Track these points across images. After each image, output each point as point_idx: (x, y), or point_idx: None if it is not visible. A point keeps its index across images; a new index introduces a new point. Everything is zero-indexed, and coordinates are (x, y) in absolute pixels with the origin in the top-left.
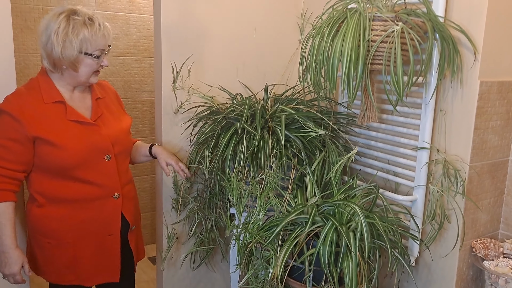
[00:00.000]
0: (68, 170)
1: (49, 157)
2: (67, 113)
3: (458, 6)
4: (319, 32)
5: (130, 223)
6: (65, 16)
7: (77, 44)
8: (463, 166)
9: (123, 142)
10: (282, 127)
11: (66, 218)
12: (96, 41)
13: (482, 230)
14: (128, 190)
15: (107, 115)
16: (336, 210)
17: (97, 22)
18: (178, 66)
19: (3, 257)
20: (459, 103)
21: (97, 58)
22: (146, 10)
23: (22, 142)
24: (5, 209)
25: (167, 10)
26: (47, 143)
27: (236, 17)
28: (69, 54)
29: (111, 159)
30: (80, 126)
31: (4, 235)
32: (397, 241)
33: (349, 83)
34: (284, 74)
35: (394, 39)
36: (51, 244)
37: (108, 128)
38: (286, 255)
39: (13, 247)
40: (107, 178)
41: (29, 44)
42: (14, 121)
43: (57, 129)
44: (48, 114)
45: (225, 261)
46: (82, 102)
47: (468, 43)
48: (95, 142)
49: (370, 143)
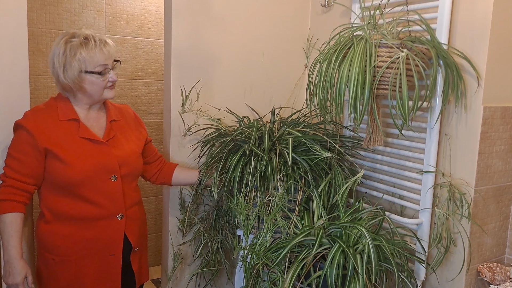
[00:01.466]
0: (73, 187)
1: (56, 172)
2: (80, 130)
3: (461, 33)
4: (327, 57)
5: (133, 245)
6: (64, 40)
7: (75, 65)
8: (468, 190)
9: (132, 165)
10: (290, 150)
11: (70, 236)
12: (94, 58)
13: (488, 254)
14: (133, 212)
15: (120, 137)
16: (343, 232)
17: (92, 40)
18: (187, 89)
19: (8, 267)
20: (463, 127)
21: (100, 75)
22: (155, 34)
23: (35, 156)
24: (13, 220)
25: (178, 35)
26: (55, 158)
27: (244, 43)
28: (71, 76)
29: (117, 180)
30: (91, 144)
31: (10, 245)
32: (404, 264)
33: (356, 107)
34: (290, 98)
35: (400, 65)
36: (55, 260)
37: (117, 149)
38: (293, 278)
39: (18, 258)
40: (112, 199)
41: (40, 66)
42: (28, 135)
43: (67, 145)
44: (60, 130)
45: (231, 283)
46: (97, 122)
47: (472, 70)
48: (102, 162)
49: (375, 166)
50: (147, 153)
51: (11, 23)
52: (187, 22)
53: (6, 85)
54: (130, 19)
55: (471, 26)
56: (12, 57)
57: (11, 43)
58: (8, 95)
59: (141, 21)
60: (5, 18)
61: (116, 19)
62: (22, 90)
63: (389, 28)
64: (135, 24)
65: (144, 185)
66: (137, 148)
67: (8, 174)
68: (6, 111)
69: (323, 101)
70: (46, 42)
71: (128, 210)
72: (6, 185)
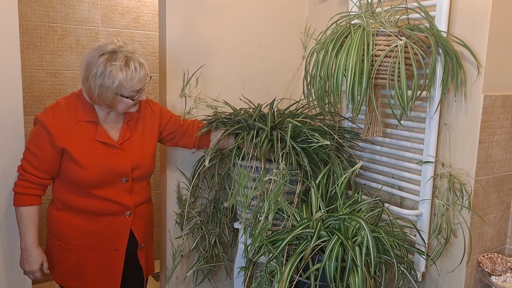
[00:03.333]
0: (85, 187)
1: (71, 173)
2: (97, 133)
3: (461, 20)
4: (323, 47)
5: (139, 241)
6: (104, 59)
7: (112, 89)
8: (468, 180)
9: (145, 167)
10: (288, 135)
11: (78, 226)
12: (132, 86)
13: (488, 244)
14: (141, 209)
15: (135, 138)
16: (342, 224)
17: (132, 66)
18: (182, 83)
19: (25, 255)
20: (463, 117)
21: (133, 99)
22: (151, 27)
23: (52, 154)
24: (31, 212)
25: (173, 26)
26: (71, 159)
27: (240, 33)
28: (105, 98)
29: (128, 181)
30: (105, 148)
31: (27, 234)
32: (403, 256)
33: (353, 98)
34: (288, 90)
35: (398, 54)
36: (61, 247)
37: (131, 152)
38: (292, 270)
39: (34, 246)
40: (121, 198)
41: (35, 60)
42: (46, 133)
43: (83, 148)
44: (78, 131)
45: (229, 278)
46: (115, 123)
47: (471, 58)
48: (116, 167)
49: (374, 157)
50: (171, 130)
51: (1, 16)
52: (182, 13)
53: None
54: (125, 11)
55: (471, 13)
56: (3, 51)
57: (2, 36)
58: (0, 89)
59: (136, 13)
60: None
61: (111, 12)
62: (14, 85)
63: (387, 16)
64: (130, 17)
65: None
66: (151, 147)
67: (26, 169)
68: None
69: (320, 92)
70: (40, 36)
71: (136, 208)
72: (23, 179)
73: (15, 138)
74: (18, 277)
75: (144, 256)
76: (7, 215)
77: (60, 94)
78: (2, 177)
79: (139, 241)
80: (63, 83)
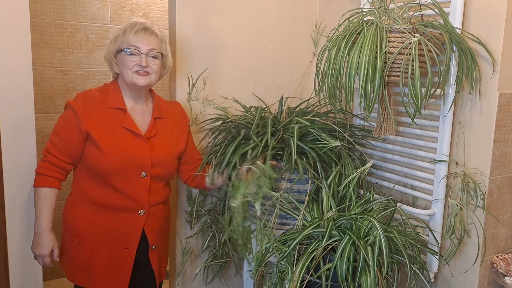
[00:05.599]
0: (103, 175)
1: (91, 157)
2: (124, 120)
3: (476, 17)
4: (335, 44)
5: (150, 242)
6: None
7: (117, 40)
8: (483, 180)
9: (165, 167)
10: (295, 138)
11: (91, 220)
12: (129, 38)
13: (503, 245)
14: (157, 209)
15: (160, 137)
16: (354, 223)
17: (139, 22)
18: (193, 79)
19: (37, 238)
20: (478, 115)
21: (131, 55)
22: (160, 24)
23: (76, 137)
24: (48, 194)
25: (183, 23)
26: (93, 143)
27: (250, 30)
28: (110, 49)
29: (147, 177)
30: (131, 136)
31: (41, 217)
32: (416, 256)
33: (366, 96)
34: (298, 88)
35: (412, 51)
36: (74, 242)
37: (155, 148)
38: (303, 270)
39: (47, 230)
40: (137, 194)
41: (45, 58)
42: (74, 116)
43: (107, 133)
44: (105, 117)
45: (239, 276)
46: (141, 117)
47: (487, 55)
48: (136, 157)
49: (386, 156)
50: (186, 153)
51: (12, 13)
52: (192, 10)
53: (9, 77)
54: (134, 8)
55: (485, 10)
56: (15, 49)
57: (13, 34)
58: (12, 87)
59: (146, 11)
60: (7, 8)
61: (120, 9)
62: (25, 82)
63: (401, 12)
64: (140, 14)
65: None
66: (175, 150)
67: (50, 151)
68: (10, 102)
69: (332, 90)
70: (50, 33)
71: (151, 207)
72: (45, 160)
73: (26, 135)
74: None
75: (157, 259)
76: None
77: (70, 91)
78: (14, 175)
79: (150, 243)
80: (73, 80)
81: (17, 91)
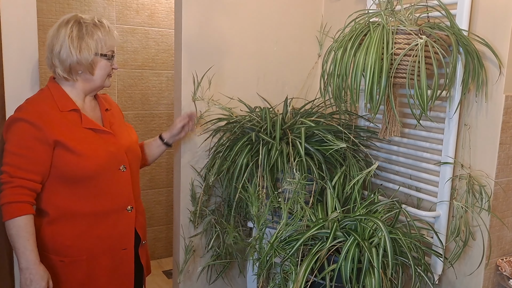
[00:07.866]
0: (85, 180)
1: (68, 165)
2: (83, 121)
3: (483, 19)
4: (342, 45)
5: (142, 238)
6: (74, 21)
7: (93, 45)
8: (488, 182)
9: (135, 151)
10: (302, 139)
11: (81, 234)
12: (108, 42)
13: (508, 248)
14: (139, 204)
15: (118, 126)
16: (358, 225)
17: (106, 24)
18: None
19: (28, 274)
20: (483, 117)
21: (110, 60)
22: (165, 24)
23: (43, 150)
24: (27, 222)
25: (188, 23)
26: (67, 150)
27: (256, 30)
28: (86, 57)
29: (126, 170)
30: (96, 135)
31: (28, 250)
32: (421, 258)
33: (372, 97)
34: (302, 88)
35: (418, 53)
36: (65, 262)
37: (120, 137)
38: (307, 271)
39: (38, 263)
40: (122, 189)
41: None
42: (32, 127)
43: (76, 137)
44: (65, 121)
45: (242, 276)
46: (93, 112)
47: (493, 57)
48: (112, 151)
49: (391, 157)
50: None
51: (19, 13)
52: (197, 10)
53: (15, 76)
54: (140, 8)
55: (493, 12)
56: (22, 48)
57: (20, 33)
58: (18, 86)
59: (151, 11)
60: (14, 7)
61: (126, 9)
62: (32, 82)
63: (407, 14)
64: (145, 14)
65: (155, 176)
66: (133, 135)
67: (14, 174)
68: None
69: (337, 91)
70: None
71: (136, 201)
72: (12, 186)
73: None
74: None
75: (145, 254)
76: None
77: None
78: None
79: (141, 238)
80: None
81: (24, 90)
